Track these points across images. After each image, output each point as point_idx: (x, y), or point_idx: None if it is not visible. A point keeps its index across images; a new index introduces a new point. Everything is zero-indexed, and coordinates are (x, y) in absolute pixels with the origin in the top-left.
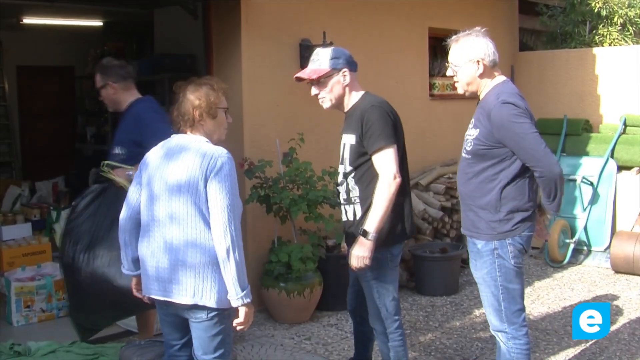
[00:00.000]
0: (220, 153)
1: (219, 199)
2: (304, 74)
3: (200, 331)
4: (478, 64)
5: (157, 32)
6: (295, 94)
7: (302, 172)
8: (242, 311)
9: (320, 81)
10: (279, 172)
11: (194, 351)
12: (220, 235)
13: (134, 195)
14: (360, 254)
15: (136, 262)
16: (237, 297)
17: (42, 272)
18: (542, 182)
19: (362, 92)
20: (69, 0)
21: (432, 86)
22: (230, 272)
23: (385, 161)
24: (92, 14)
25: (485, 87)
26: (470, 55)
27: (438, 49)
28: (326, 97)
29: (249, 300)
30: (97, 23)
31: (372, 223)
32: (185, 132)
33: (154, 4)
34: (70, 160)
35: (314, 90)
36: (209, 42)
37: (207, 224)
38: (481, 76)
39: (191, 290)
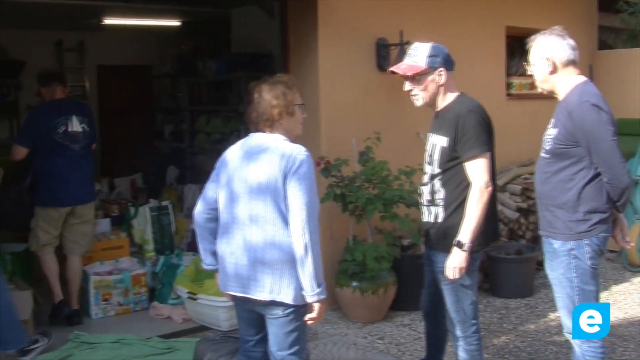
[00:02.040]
0: (299, 151)
1: (298, 196)
2: (399, 68)
3: (276, 327)
4: (548, 61)
5: (234, 32)
6: (372, 93)
7: (378, 171)
8: (316, 307)
9: (415, 78)
10: (355, 171)
11: (269, 347)
12: (299, 233)
13: (210, 192)
14: (456, 264)
15: (214, 255)
16: (312, 293)
17: (119, 266)
18: (610, 188)
19: (457, 93)
20: (147, 0)
21: (509, 86)
22: (307, 268)
23: (478, 169)
24: (170, 14)
25: (563, 86)
26: (542, 53)
27: (515, 48)
28: (419, 95)
29: (324, 296)
30: (175, 23)
31: (467, 233)
32: (264, 131)
33: (232, 4)
34: (148, 157)
35: (407, 86)
36: (286, 41)
37: (286, 222)
38: (552, 74)
39: (269, 287)
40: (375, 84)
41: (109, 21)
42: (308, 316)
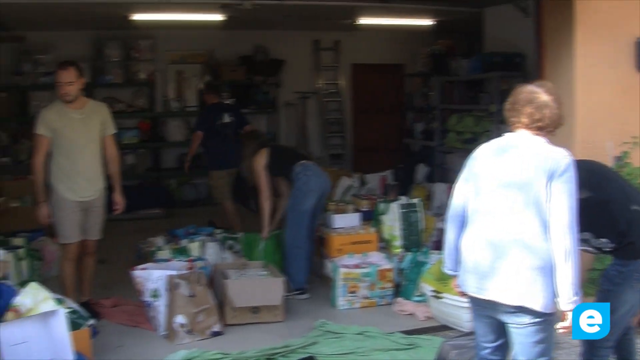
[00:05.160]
0: (564, 155)
1: (562, 200)
2: None
3: (523, 336)
4: None
5: (487, 31)
6: (630, 95)
7: (635, 178)
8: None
9: None
10: None
11: (514, 356)
12: (561, 237)
13: (462, 191)
14: None
15: (459, 261)
16: (569, 301)
17: (367, 260)
18: None
19: None
20: (402, 0)
21: None
22: (566, 274)
23: None
24: (423, 14)
25: None
26: None
27: None
28: None
29: None
30: (428, 22)
31: None
32: (522, 130)
33: (485, 3)
34: (398, 155)
35: None
36: (541, 40)
37: (543, 224)
38: None
39: (517, 291)
40: (633, 86)
41: (363, 21)
42: (560, 324)
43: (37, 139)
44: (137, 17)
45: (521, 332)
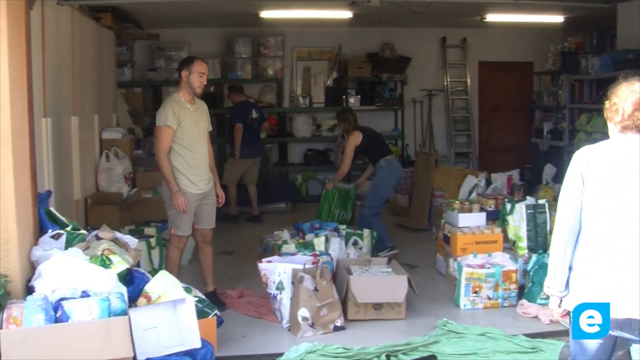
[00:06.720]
0: None
1: None
2: None
3: None
4: None
5: (620, 27)
6: None
7: None
8: None
9: None
10: None
11: None
12: None
13: (577, 202)
14: None
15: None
16: None
17: (492, 260)
18: None
19: None
20: None
21: None
22: None
23: None
24: (553, 10)
25: None
26: None
27: None
28: None
29: None
30: (558, 19)
31: None
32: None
33: None
34: (525, 154)
35: None
36: None
37: None
38: None
39: None
40: None
41: (492, 18)
42: None
43: (165, 131)
44: (267, 14)
45: None
